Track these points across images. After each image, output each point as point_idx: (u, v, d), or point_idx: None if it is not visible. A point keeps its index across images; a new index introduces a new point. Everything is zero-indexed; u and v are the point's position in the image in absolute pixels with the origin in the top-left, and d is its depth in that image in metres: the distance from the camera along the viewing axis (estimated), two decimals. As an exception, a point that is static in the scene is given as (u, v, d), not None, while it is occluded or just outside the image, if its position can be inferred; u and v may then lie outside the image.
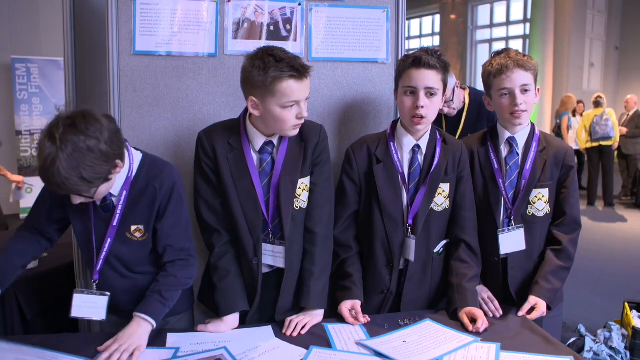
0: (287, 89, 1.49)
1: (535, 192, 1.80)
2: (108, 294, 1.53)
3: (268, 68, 1.47)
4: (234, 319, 1.60)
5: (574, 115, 8.28)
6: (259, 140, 1.61)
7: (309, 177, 1.67)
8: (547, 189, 1.80)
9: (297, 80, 1.49)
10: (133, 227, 1.53)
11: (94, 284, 1.54)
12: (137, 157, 1.55)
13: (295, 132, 1.59)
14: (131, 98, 1.89)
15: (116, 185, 1.49)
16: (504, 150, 1.83)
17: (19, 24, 6.54)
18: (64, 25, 2.00)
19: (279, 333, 1.56)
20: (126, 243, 1.54)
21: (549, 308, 1.74)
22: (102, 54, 1.90)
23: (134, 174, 1.52)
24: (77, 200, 1.41)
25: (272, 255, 1.64)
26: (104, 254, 1.52)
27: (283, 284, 1.65)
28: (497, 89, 1.77)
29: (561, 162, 1.82)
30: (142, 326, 1.45)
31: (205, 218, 1.65)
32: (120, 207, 1.50)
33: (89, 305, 1.52)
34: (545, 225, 1.84)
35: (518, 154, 1.81)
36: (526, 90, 1.74)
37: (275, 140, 1.63)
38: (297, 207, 1.65)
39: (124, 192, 1.50)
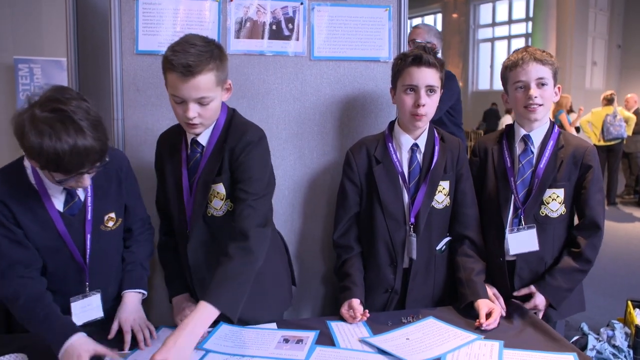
0: (171, 80, 1.42)
1: (550, 192, 1.73)
2: (99, 290, 1.53)
3: (166, 53, 1.43)
4: (176, 301, 1.69)
5: (569, 113, 8.26)
6: (188, 137, 1.57)
7: (222, 184, 1.54)
8: (562, 189, 1.73)
9: (180, 77, 1.38)
10: (106, 217, 1.53)
11: (87, 286, 1.51)
12: None
13: (192, 130, 1.49)
14: (134, 97, 1.89)
15: None
16: (518, 148, 1.78)
17: (22, 24, 6.54)
18: (66, 25, 2.00)
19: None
20: (100, 238, 1.51)
21: (552, 307, 1.72)
22: (104, 53, 1.90)
23: None
24: (87, 181, 1.36)
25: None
26: (88, 252, 1.49)
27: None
28: (512, 82, 1.75)
29: (580, 161, 1.73)
30: (136, 300, 1.56)
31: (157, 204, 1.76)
32: (90, 198, 1.48)
33: (85, 309, 1.51)
34: (560, 227, 1.76)
35: (532, 152, 1.75)
36: (542, 84, 1.70)
37: (202, 140, 1.54)
38: (209, 213, 1.56)
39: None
